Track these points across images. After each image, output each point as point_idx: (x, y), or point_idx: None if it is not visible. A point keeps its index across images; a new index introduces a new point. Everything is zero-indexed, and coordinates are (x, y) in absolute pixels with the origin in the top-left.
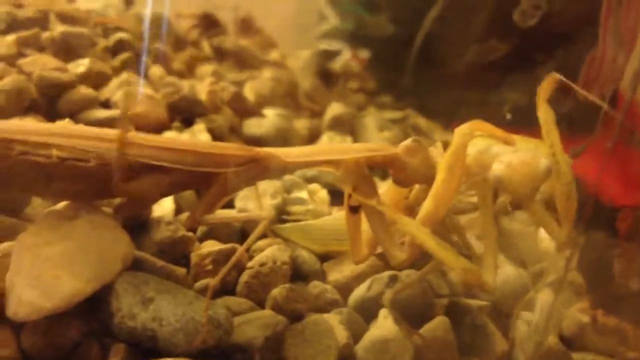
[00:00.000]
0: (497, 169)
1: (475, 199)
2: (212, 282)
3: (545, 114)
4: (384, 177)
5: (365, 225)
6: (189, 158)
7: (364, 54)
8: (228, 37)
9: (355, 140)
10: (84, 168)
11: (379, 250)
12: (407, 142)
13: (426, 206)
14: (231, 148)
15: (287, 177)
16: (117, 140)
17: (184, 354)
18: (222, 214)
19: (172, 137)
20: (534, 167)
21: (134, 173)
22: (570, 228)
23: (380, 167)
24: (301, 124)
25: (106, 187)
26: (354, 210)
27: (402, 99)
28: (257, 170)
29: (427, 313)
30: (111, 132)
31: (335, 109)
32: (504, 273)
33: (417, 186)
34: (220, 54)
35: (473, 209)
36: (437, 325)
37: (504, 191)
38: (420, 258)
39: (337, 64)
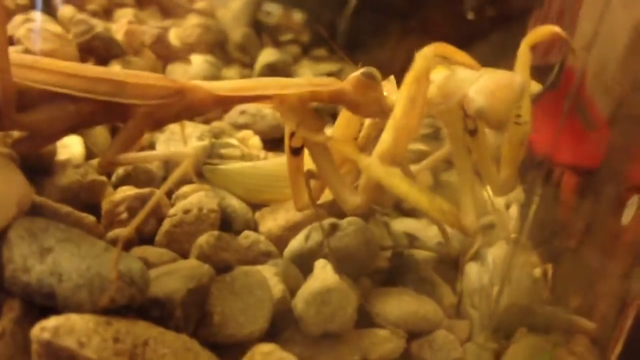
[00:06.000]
0: (476, 100)
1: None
2: (124, 231)
3: (524, 56)
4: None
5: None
6: (100, 86)
7: (298, 16)
8: None
9: None
10: None
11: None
12: (357, 74)
13: (384, 141)
14: (152, 78)
15: (215, 124)
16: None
17: (90, 312)
18: (139, 153)
19: (80, 64)
20: (511, 88)
21: (32, 101)
22: (514, 173)
23: (327, 103)
24: (231, 73)
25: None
26: (296, 152)
27: (337, 53)
28: (182, 105)
29: (371, 265)
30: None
31: (268, 55)
32: None
33: (366, 125)
34: (141, 0)
35: (417, 159)
36: None
37: (486, 123)
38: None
39: (272, 20)
